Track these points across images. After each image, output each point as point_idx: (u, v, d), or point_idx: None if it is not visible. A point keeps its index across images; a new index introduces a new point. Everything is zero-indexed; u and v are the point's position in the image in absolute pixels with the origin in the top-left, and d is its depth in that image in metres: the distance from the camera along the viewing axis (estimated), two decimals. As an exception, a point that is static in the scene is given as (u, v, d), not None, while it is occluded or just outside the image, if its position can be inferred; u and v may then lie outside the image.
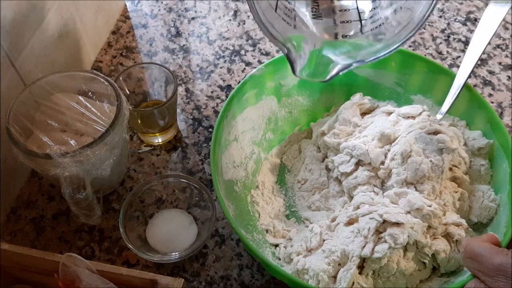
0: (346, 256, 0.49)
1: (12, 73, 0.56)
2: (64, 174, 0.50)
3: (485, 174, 0.56)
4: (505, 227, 0.49)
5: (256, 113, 0.62)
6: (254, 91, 0.61)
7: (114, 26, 0.79)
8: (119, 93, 0.55)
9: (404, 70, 0.62)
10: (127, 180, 0.64)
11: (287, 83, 0.63)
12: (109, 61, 0.75)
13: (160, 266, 0.57)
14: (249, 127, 0.62)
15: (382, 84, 0.64)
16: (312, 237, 0.53)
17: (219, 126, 0.56)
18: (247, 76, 0.60)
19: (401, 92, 0.63)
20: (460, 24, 0.80)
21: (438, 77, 0.60)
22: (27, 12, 0.57)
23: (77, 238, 0.59)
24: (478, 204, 0.54)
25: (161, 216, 0.59)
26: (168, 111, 0.62)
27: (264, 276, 0.56)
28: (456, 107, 0.59)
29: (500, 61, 0.76)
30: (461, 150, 0.56)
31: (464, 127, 0.59)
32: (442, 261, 0.50)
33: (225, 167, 0.57)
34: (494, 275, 0.41)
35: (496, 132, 0.55)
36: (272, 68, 0.61)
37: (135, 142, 0.67)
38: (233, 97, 0.58)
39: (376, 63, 0.61)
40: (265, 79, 0.61)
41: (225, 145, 0.57)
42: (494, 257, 0.42)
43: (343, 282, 0.48)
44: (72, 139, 0.53)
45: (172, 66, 0.75)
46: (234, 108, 0.59)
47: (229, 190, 0.56)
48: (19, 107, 0.54)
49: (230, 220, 0.50)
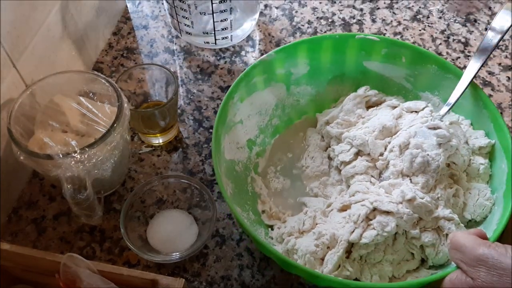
0: (335, 239, 0.51)
1: (14, 74, 0.56)
2: (65, 175, 0.50)
3: (483, 173, 0.56)
4: (496, 224, 0.50)
5: (264, 99, 0.63)
6: (263, 77, 0.62)
7: (115, 27, 0.79)
8: (120, 94, 0.55)
9: (414, 67, 0.62)
10: (128, 181, 0.64)
11: (297, 71, 0.64)
12: (110, 62, 0.75)
13: (160, 266, 0.57)
14: (255, 112, 0.62)
15: (392, 79, 0.64)
16: (306, 220, 0.54)
17: (224, 106, 0.57)
18: (257, 60, 0.61)
19: (409, 88, 0.64)
20: (459, 25, 0.80)
21: (446, 76, 0.60)
22: (28, 13, 0.57)
23: (78, 238, 0.59)
24: (473, 201, 0.54)
25: (161, 217, 0.59)
26: (168, 112, 0.62)
27: (265, 276, 0.57)
28: (461, 106, 0.59)
29: (500, 61, 0.76)
30: (462, 147, 0.56)
31: (468, 126, 0.59)
32: (430, 253, 0.51)
33: (227, 147, 0.57)
34: (475, 265, 0.42)
35: (498, 132, 0.55)
36: (282, 55, 0.62)
37: (136, 142, 0.67)
38: (241, 80, 0.59)
39: (387, 57, 0.63)
40: (275, 65, 0.62)
41: (229, 126, 0.58)
42: (477, 248, 0.42)
43: (330, 264, 0.50)
44: (73, 140, 0.53)
45: (173, 67, 0.75)
46: (242, 91, 0.59)
47: (229, 169, 0.57)
48: (20, 108, 0.54)
49: (225, 196, 0.51)
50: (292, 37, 0.78)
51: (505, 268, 0.40)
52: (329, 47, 0.63)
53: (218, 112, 0.56)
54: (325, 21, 0.80)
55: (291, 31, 0.79)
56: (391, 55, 0.62)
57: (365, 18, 0.81)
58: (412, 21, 0.80)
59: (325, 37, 0.64)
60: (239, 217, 0.50)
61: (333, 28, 0.79)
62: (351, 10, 0.82)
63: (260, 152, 0.63)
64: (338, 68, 0.65)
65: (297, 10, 0.82)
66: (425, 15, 0.81)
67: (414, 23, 0.80)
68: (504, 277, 0.40)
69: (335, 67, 0.65)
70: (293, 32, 0.79)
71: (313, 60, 0.64)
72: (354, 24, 0.80)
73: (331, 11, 0.82)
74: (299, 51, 0.62)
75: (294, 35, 0.79)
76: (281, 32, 0.79)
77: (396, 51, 0.62)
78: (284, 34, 0.79)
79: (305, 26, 0.80)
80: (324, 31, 0.79)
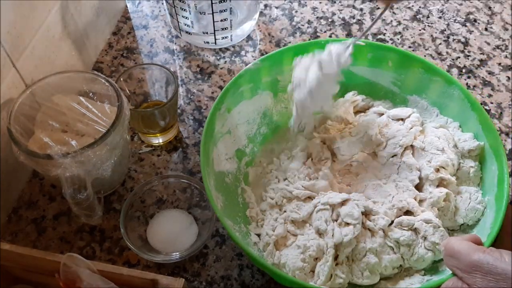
0: (321, 250, 0.51)
1: (13, 73, 0.56)
2: (65, 175, 0.50)
3: (474, 176, 0.56)
4: (489, 228, 0.49)
5: (251, 107, 0.63)
6: (250, 86, 0.61)
7: (115, 27, 0.79)
8: (120, 93, 0.55)
9: (400, 70, 0.62)
10: (128, 181, 0.64)
11: (284, 78, 0.63)
12: (110, 62, 0.75)
13: (160, 266, 0.57)
14: (243, 121, 0.62)
15: (379, 83, 0.64)
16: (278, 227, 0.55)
17: (211, 118, 0.56)
18: (242, 70, 0.60)
19: (397, 92, 0.64)
20: (459, 25, 0.80)
21: (433, 79, 0.60)
22: (28, 13, 0.57)
23: (78, 238, 0.59)
24: (465, 205, 0.54)
25: (161, 216, 0.59)
26: (168, 111, 0.62)
27: (265, 276, 0.57)
28: (449, 108, 0.59)
29: (499, 61, 0.76)
30: (450, 151, 0.56)
31: (457, 129, 0.59)
32: (405, 253, 0.52)
33: (216, 159, 0.57)
34: (471, 271, 0.41)
35: (487, 134, 0.55)
36: (268, 63, 0.61)
37: (136, 142, 0.67)
38: (228, 90, 0.59)
39: (373, 62, 0.63)
40: (261, 74, 0.62)
41: (217, 137, 0.58)
42: (471, 254, 0.42)
43: (322, 276, 0.50)
44: (73, 140, 0.53)
45: (173, 67, 0.75)
46: (229, 101, 0.59)
47: (219, 182, 0.56)
48: (20, 108, 0.54)
49: (216, 211, 0.50)
50: (292, 37, 0.78)
51: (501, 273, 0.40)
52: None
53: (206, 124, 0.55)
54: (325, 21, 0.80)
55: (291, 31, 0.79)
56: (377, 59, 0.62)
57: (365, 18, 0.81)
58: (412, 21, 0.80)
59: (310, 44, 0.63)
60: (231, 231, 0.49)
61: (333, 28, 0.79)
62: (351, 10, 0.82)
63: (249, 162, 0.62)
64: None
65: (297, 10, 0.82)
66: (425, 15, 0.81)
67: (414, 23, 0.80)
68: (500, 282, 0.39)
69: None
70: (293, 32, 0.79)
71: None
72: (354, 24, 0.80)
73: (331, 11, 0.82)
74: (285, 58, 0.62)
75: (294, 35, 0.79)
76: (281, 32, 0.79)
77: (382, 55, 0.62)
78: (284, 34, 0.79)
79: (305, 26, 0.80)
80: (324, 31, 0.79)
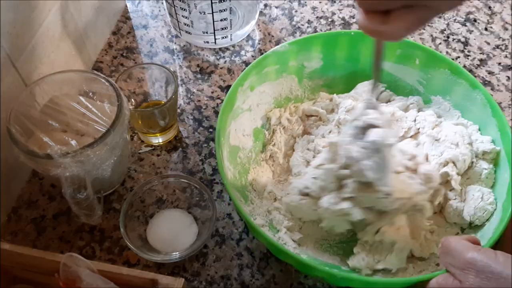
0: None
1: (13, 73, 0.56)
2: (65, 174, 0.50)
3: (486, 179, 0.55)
4: (492, 233, 0.49)
5: (275, 89, 0.63)
6: (275, 67, 0.62)
7: (114, 26, 0.79)
8: (119, 93, 0.55)
9: (427, 70, 0.62)
10: (128, 180, 0.64)
11: (310, 65, 0.64)
12: (110, 62, 0.75)
13: (160, 266, 0.57)
14: (265, 101, 0.63)
15: (404, 80, 0.64)
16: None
17: (233, 92, 0.57)
18: (269, 51, 0.61)
19: (421, 91, 0.64)
20: (459, 25, 0.80)
21: (458, 81, 0.59)
22: (28, 13, 0.57)
23: (77, 238, 0.59)
24: (475, 203, 0.53)
25: (161, 216, 0.59)
26: (168, 111, 0.62)
27: (264, 276, 0.57)
28: (470, 111, 0.59)
29: (499, 61, 0.76)
30: (464, 147, 0.56)
31: (476, 131, 0.58)
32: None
33: (233, 133, 0.58)
34: (464, 268, 0.42)
35: (504, 140, 0.55)
36: (296, 47, 0.62)
37: (136, 142, 0.67)
38: (252, 68, 0.59)
39: (401, 58, 0.63)
40: (289, 57, 0.62)
41: (237, 112, 0.59)
42: (466, 252, 0.42)
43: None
44: (73, 139, 0.53)
45: (173, 67, 0.75)
46: (252, 79, 0.60)
47: (233, 155, 0.58)
48: (20, 108, 0.54)
49: (224, 178, 0.51)
50: (292, 37, 0.78)
51: (494, 272, 0.40)
52: (344, 44, 0.63)
53: (226, 97, 0.57)
54: (324, 21, 0.80)
55: (291, 31, 0.79)
56: (405, 56, 0.62)
57: (365, 18, 0.80)
58: (412, 21, 0.80)
59: (340, 33, 0.64)
60: (237, 202, 0.50)
61: (333, 27, 0.79)
62: (351, 9, 0.82)
63: (267, 141, 0.63)
64: (351, 65, 0.65)
65: (297, 9, 0.82)
66: (425, 14, 0.81)
67: (414, 23, 0.80)
68: (492, 281, 0.40)
69: (348, 65, 0.65)
70: (293, 31, 0.79)
71: (327, 56, 0.64)
72: (354, 23, 0.80)
73: (330, 11, 0.82)
74: (314, 45, 0.63)
75: (294, 34, 0.79)
76: (280, 31, 0.79)
77: (410, 53, 0.62)
78: (284, 33, 0.79)
79: (304, 25, 0.80)
80: (324, 30, 0.79)
